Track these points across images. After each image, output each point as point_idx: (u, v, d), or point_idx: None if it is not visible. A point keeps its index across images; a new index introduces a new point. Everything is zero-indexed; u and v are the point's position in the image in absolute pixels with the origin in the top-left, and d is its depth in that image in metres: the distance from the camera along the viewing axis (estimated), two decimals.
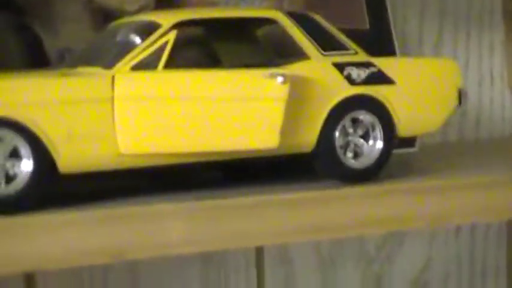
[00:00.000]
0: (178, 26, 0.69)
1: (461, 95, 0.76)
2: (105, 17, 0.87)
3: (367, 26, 0.97)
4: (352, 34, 0.79)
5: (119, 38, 0.71)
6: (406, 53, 1.03)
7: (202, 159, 0.69)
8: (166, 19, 0.69)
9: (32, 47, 0.85)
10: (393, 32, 0.98)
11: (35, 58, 0.85)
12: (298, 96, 0.70)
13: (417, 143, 0.94)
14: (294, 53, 0.73)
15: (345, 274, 1.04)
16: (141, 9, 0.85)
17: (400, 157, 0.90)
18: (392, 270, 1.06)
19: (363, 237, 1.04)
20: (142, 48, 0.68)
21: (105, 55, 0.69)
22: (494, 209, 0.75)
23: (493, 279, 1.10)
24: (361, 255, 1.05)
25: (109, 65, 0.67)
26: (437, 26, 1.07)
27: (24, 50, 0.84)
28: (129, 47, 0.68)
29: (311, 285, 1.03)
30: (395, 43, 0.98)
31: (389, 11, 0.98)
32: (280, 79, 0.68)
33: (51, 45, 0.85)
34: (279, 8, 0.87)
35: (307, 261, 1.03)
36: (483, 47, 1.09)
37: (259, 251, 1.01)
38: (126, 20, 0.74)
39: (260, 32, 0.80)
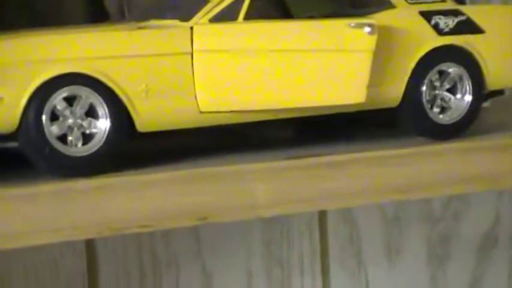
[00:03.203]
0: None
1: None
2: None
3: None
4: None
5: None
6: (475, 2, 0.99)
7: (285, 115, 0.65)
8: None
9: (91, 1, 0.82)
10: None
11: (95, 11, 0.82)
12: (383, 47, 0.66)
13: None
14: (377, 2, 0.69)
15: (410, 234, 1.01)
16: None
17: None
18: (458, 229, 1.03)
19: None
20: None
21: (181, 7, 0.65)
22: None
23: None
24: (427, 215, 1.02)
25: (186, 17, 0.63)
26: None
27: (83, 3, 0.81)
28: None
29: (375, 247, 1.00)
30: None
31: None
32: (367, 29, 0.64)
33: None
34: None
35: (371, 222, 1.00)
36: None
37: (322, 211, 0.98)
38: None
39: None
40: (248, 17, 0.64)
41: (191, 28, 0.62)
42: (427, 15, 0.68)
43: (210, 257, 0.94)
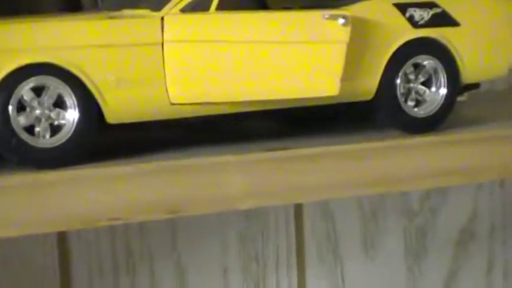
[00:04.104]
0: None
1: None
2: None
3: None
4: None
5: None
6: None
7: (257, 108, 0.64)
8: None
9: None
10: None
11: (67, 0, 0.80)
12: (357, 39, 0.65)
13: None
14: None
15: (387, 228, 1.00)
16: None
17: None
18: (435, 224, 1.02)
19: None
20: None
21: None
22: None
23: None
24: (404, 209, 1.01)
25: (158, 7, 0.62)
26: None
27: None
28: None
29: (352, 241, 0.99)
30: None
31: None
32: (341, 21, 0.63)
33: None
34: None
35: (347, 216, 0.99)
36: None
37: (299, 205, 0.97)
38: None
39: None
40: (221, 7, 0.63)
41: (162, 18, 0.61)
42: (401, 8, 0.67)
43: (185, 251, 0.93)
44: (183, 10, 0.62)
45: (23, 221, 0.57)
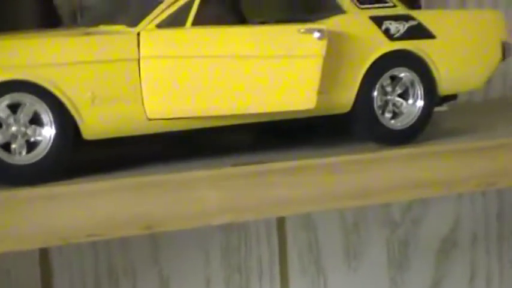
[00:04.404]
0: None
1: (505, 49, 0.72)
2: None
3: None
4: None
5: None
6: (430, 7, 0.99)
7: (234, 122, 0.64)
8: None
9: (44, 5, 0.80)
10: None
11: (47, 16, 0.80)
12: (334, 53, 0.65)
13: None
14: (327, 7, 0.68)
15: (369, 239, 1.00)
16: None
17: None
18: (418, 234, 1.02)
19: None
20: (168, 4, 0.63)
21: (128, 12, 0.64)
22: None
23: None
24: (386, 220, 1.01)
25: (133, 22, 0.62)
26: None
27: (36, 8, 0.80)
28: (154, 3, 0.63)
29: (334, 252, 0.99)
30: None
31: None
32: (317, 34, 0.63)
33: (63, 1, 0.81)
34: None
35: (330, 228, 0.99)
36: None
37: (281, 217, 0.97)
38: None
39: None
40: (197, 22, 0.63)
41: (138, 34, 0.61)
42: (377, 21, 0.68)
43: (167, 264, 0.92)
44: (159, 26, 0.62)
45: (0, 238, 0.57)
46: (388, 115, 0.68)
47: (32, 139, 0.59)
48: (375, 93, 0.68)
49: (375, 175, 0.66)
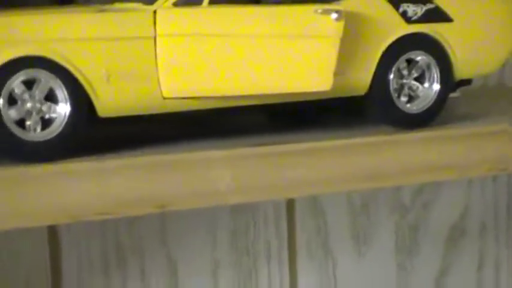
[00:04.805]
0: None
1: None
2: None
3: None
4: None
5: None
6: None
7: (250, 102, 0.64)
8: None
9: None
10: None
11: None
12: (350, 34, 0.65)
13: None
14: None
15: (378, 224, 1.00)
16: None
17: None
18: (427, 220, 1.02)
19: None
20: None
21: None
22: None
23: None
24: (396, 204, 1.01)
25: (150, 0, 0.62)
26: None
27: None
28: None
29: (343, 236, 0.99)
30: None
31: None
32: (334, 15, 0.63)
33: None
34: None
35: (338, 211, 0.99)
36: None
37: (290, 200, 0.97)
38: None
39: None
40: (214, 1, 0.63)
41: (154, 12, 0.61)
42: (395, 3, 0.67)
43: (175, 245, 0.92)
44: (176, 4, 0.62)
45: (11, 214, 0.56)
46: (403, 98, 0.68)
47: (47, 116, 0.59)
48: (391, 76, 0.67)
49: (388, 158, 0.66)
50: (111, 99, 0.60)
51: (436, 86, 0.69)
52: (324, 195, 0.94)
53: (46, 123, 0.59)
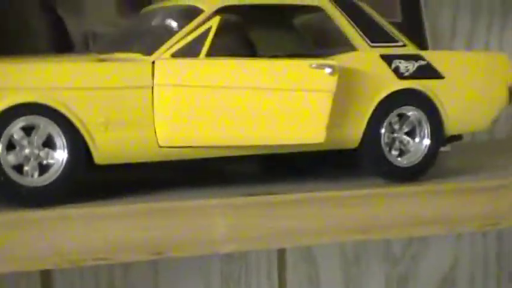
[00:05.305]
0: (220, 11, 0.66)
1: (511, 92, 0.73)
2: (132, 0, 0.84)
3: (399, 19, 0.94)
4: None
5: (157, 23, 0.67)
6: (437, 48, 1.00)
7: (245, 152, 0.65)
8: (208, 4, 0.66)
9: (56, 29, 0.81)
10: (425, 25, 0.96)
11: (59, 40, 0.81)
12: (344, 89, 0.66)
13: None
14: (339, 44, 0.70)
15: (369, 274, 1.01)
16: None
17: None
18: (417, 271, 1.03)
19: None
20: (183, 34, 0.64)
21: (144, 41, 0.65)
22: None
23: None
24: (387, 255, 1.02)
25: (149, 51, 0.63)
26: (470, 21, 1.04)
27: (47, 32, 0.81)
28: (170, 32, 0.64)
29: (334, 286, 1.00)
30: (427, 37, 0.95)
31: (421, 3, 0.95)
32: (328, 70, 0.64)
33: (74, 27, 0.82)
34: None
35: (330, 261, 1.00)
36: None
37: (282, 249, 0.97)
38: (162, 4, 0.70)
39: (299, 21, 0.77)
40: (211, 53, 0.64)
41: (153, 62, 0.62)
42: (387, 59, 0.69)
43: None
44: (174, 55, 0.63)
45: (8, 258, 0.57)
46: (395, 152, 0.69)
47: (45, 162, 0.60)
48: (383, 130, 0.69)
49: (379, 211, 0.67)
50: (108, 147, 0.61)
51: (427, 141, 0.70)
52: (316, 245, 0.94)
53: (44, 169, 0.60)
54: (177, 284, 0.93)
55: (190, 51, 0.64)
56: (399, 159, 0.69)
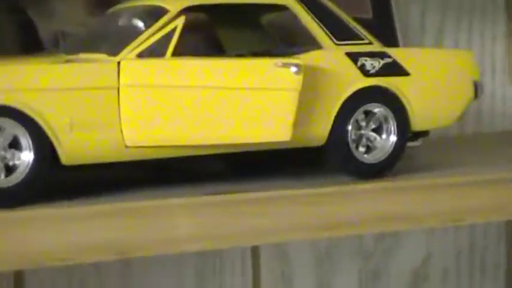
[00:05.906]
0: (185, 11, 0.66)
1: (477, 88, 0.74)
2: (102, 0, 0.84)
3: (370, 15, 0.94)
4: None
5: (123, 23, 0.67)
6: (407, 44, 1.01)
7: (211, 151, 0.65)
8: (173, 4, 0.66)
9: (26, 30, 0.81)
10: (396, 22, 0.96)
11: (29, 41, 0.81)
12: (310, 87, 0.67)
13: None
14: (304, 42, 0.70)
15: (341, 269, 1.02)
16: None
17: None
18: (389, 265, 1.04)
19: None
20: (149, 35, 0.64)
21: (110, 41, 0.66)
22: (506, 207, 0.73)
23: (492, 274, 1.08)
24: (359, 250, 1.02)
25: (114, 51, 0.63)
26: (439, 17, 1.05)
27: (17, 33, 0.81)
28: (135, 33, 0.65)
29: (307, 281, 1.00)
30: (398, 33, 0.96)
31: (392, 0, 0.95)
32: (294, 69, 0.65)
33: (44, 28, 0.82)
34: None
35: (303, 257, 1.00)
36: (485, 39, 1.06)
37: (255, 246, 0.98)
38: (129, 4, 0.70)
39: (266, 19, 0.77)
40: (177, 53, 0.65)
41: (118, 63, 0.62)
42: (353, 57, 0.69)
43: None
44: (140, 55, 0.64)
45: None
46: (361, 149, 0.70)
47: (11, 163, 0.60)
48: (349, 128, 0.69)
49: (347, 207, 0.67)
50: (74, 148, 0.61)
51: (393, 138, 0.71)
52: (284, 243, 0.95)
53: (10, 170, 0.60)
54: (150, 281, 0.93)
55: (156, 51, 0.64)
56: (366, 156, 0.70)
